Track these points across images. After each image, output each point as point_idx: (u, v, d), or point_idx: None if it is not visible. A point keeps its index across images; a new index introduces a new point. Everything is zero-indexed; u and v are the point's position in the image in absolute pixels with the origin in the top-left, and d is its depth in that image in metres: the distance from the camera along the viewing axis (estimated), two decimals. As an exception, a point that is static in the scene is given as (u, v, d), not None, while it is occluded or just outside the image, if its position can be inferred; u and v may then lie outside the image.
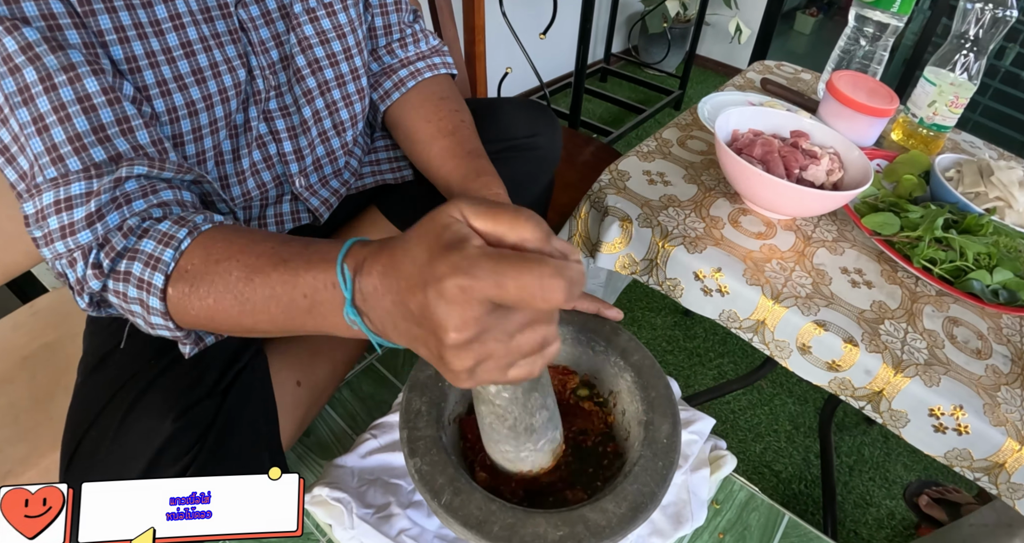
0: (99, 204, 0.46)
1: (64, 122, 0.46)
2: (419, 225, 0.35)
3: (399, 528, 0.61)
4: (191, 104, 0.55)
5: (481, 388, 0.48)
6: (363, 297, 0.38)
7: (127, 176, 0.48)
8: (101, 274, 0.47)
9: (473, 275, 0.31)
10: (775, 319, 0.75)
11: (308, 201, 0.70)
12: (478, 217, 0.34)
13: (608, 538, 0.48)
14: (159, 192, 0.50)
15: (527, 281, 0.31)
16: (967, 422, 0.67)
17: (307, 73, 0.64)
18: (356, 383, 0.82)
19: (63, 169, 0.46)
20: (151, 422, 0.52)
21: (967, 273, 0.78)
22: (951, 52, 1.02)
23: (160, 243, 0.46)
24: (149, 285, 0.46)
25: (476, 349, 0.34)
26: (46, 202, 0.46)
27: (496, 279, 0.31)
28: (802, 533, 0.70)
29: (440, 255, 0.32)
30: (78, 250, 0.47)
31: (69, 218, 0.46)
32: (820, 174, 0.83)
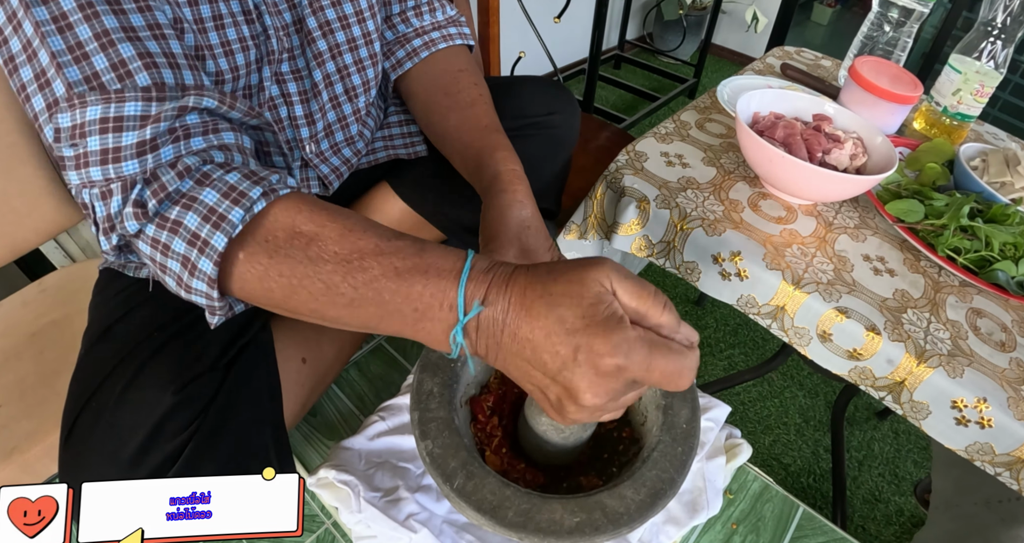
0: (155, 132, 0.42)
1: (134, 40, 0.42)
2: (565, 280, 0.37)
3: (407, 512, 0.60)
4: (210, 47, 0.53)
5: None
6: (478, 324, 0.39)
7: (195, 105, 0.44)
8: (144, 215, 0.42)
9: (630, 358, 0.35)
10: (795, 305, 0.73)
11: (318, 168, 0.69)
12: (626, 293, 0.37)
13: (626, 525, 0.47)
14: (220, 132, 0.46)
15: (671, 371, 0.36)
16: (990, 415, 0.65)
17: (318, 35, 0.63)
18: (364, 363, 0.81)
19: (129, 83, 0.41)
20: (151, 394, 0.51)
21: (992, 263, 0.76)
22: (977, 40, 0.99)
23: (226, 198, 0.41)
24: (205, 244, 0.41)
25: (597, 410, 0.38)
26: (90, 117, 0.41)
27: (648, 365, 0.35)
28: (817, 526, 0.69)
29: (599, 332, 0.35)
30: (118, 181, 0.41)
31: (116, 141, 0.41)
32: (844, 158, 0.81)
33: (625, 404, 0.41)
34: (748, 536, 0.67)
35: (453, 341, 0.39)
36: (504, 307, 0.38)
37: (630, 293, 0.37)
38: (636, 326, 0.37)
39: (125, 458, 0.49)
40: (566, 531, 0.46)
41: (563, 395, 0.38)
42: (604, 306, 0.36)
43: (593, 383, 0.36)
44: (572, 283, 0.37)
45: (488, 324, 0.39)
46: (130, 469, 0.49)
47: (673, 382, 0.36)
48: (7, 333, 0.88)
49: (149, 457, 0.49)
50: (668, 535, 0.63)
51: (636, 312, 0.37)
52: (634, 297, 0.37)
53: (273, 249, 0.41)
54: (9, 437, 0.75)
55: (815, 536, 0.68)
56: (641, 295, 0.37)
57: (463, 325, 0.39)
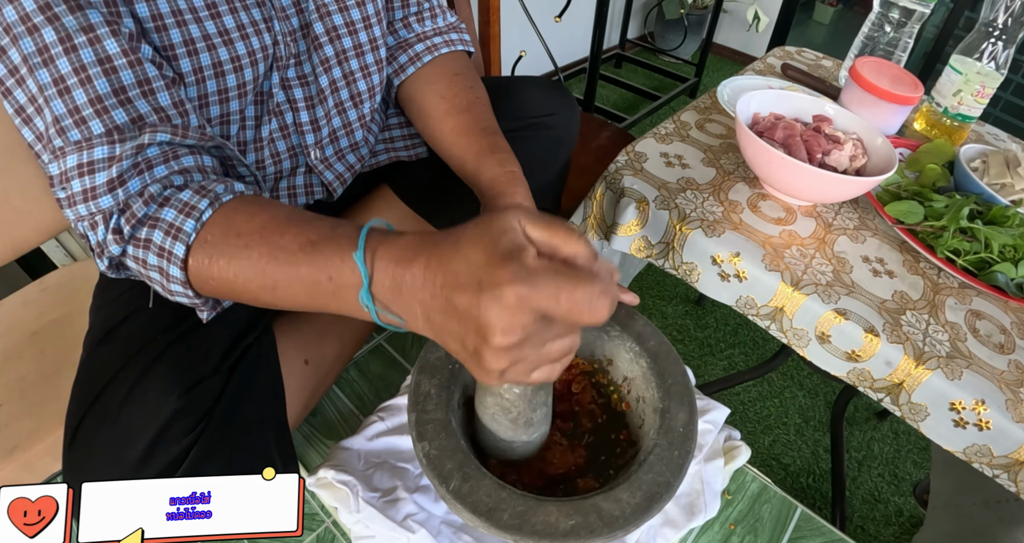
0: (120, 170, 0.47)
1: (85, 84, 0.46)
2: (475, 226, 0.37)
3: (405, 513, 0.60)
4: (218, 64, 0.55)
5: (488, 387, 0.50)
6: (395, 285, 0.39)
7: (149, 142, 0.48)
8: (121, 240, 0.48)
9: (533, 285, 0.33)
10: (794, 306, 0.73)
11: (323, 174, 0.69)
12: (535, 228, 0.36)
13: (622, 528, 0.47)
14: (180, 158, 0.50)
15: (579, 297, 0.33)
16: (988, 417, 0.65)
17: (324, 41, 0.64)
18: (364, 363, 0.81)
19: (86, 132, 0.46)
20: (156, 397, 0.51)
21: (991, 265, 0.76)
22: (978, 40, 0.99)
23: (181, 213, 0.46)
24: (170, 254, 0.46)
25: (514, 353, 0.36)
26: (69, 165, 0.46)
27: (553, 292, 0.33)
28: (815, 526, 0.69)
29: (500, 261, 0.34)
30: (99, 214, 0.47)
31: (91, 182, 0.46)
32: (843, 159, 0.81)
33: (552, 354, 0.38)
34: (746, 537, 0.67)
35: (364, 304, 0.40)
36: (424, 263, 0.38)
37: (539, 227, 0.37)
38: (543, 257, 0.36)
39: (130, 462, 0.49)
40: (561, 534, 0.46)
41: (478, 342, 0.36)
42: (507, 238, 0.35)
43: (500, 317, 0.34)
44: (480, 225, 0.37)
45: (408, 284, 0.38)
46: (135, 472, 0.49)
47: (585, 312, 0.34)
48: (8, 332, 0.89)
49: (154, 460, 0.49)
50: (665, 537, 0.63)
51: (547, 244, 0.37)
52: (543, 230, 0.37)
53: (212, 246, 0.46)
54: (10, 436, 0.75)
55: (813, 537, 0.68)
56: (551, 227, 0.37)
57: (375, 289, 0.39)
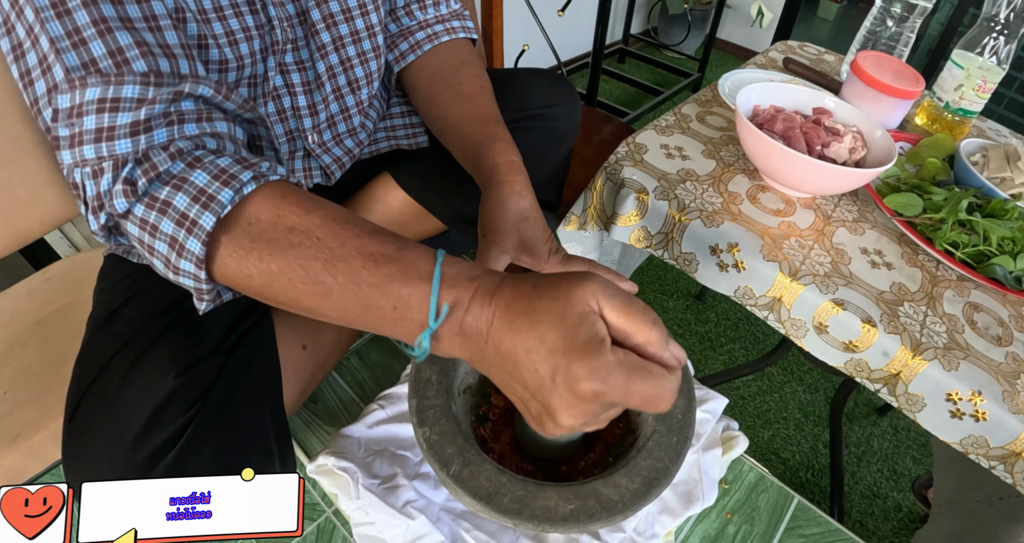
0: (150, 114, 0.42)
1: (131, 30, 0.43)
2: (552, 301, 0.37)
3: (405, 499, 0.61)
4: (214, 36, 0.54)
5: None
6: (461, 333, 0.39)
7: (189, 93, 0.44)
8: (133, 193, 0.42)
9: (608, 384, 0.35)
10: (792, 297, 0.74)
11: (320, 158, 0.70)
12: (613, 311, 0.37)
13: (620, 513, 0.48)
14: (214, 121, 0.47)
15: (650, 395, 0.36)
16: (985, 408, 0.65)
17: (321, 27, 0.64)
18: (365, 351, 0.81)
19: (127, 70, 0.42)
20: (153, 378, 0.51)
21: (990, 258, 0.76)
22: (980, 35, 0.99)
23: (216, 179, 0.41)
24: (194, 224, 0.41)
25: (575, 428, 0.38)
26: (88, 97, 0.41)
27: (626, 391, 0.35)
28: (811, 517, 0.70)
29: (578, 355, 0.35)
30: (110, 159, 0.42)
31: (111, 120, 0.41)
32: (843, 152, 0.81)
33: (608, 419, 0.40)
34: (743, 526, 0.68)
35: (419, 345, 0.39)
36: (488, 319, 0.38)
37: (616, 310, 0.37)
38: (618, 348, 0.36)
39: (127, 440, 0.50)
40: (560, 518, 0.47)
41: (542, 411, 0.38)
42: (587, 327, 0.36)
43: (570, 405, 0.36)
44: (557, 301, 0.37)
45: (472, 333, 0.39)
46: (132, 450, 0.50)
47: (652, 405, 0.36)
48: (12, 321, 0.89)
49: (150, 439, 0.50)
50: (663, 525, 0.64)
51: (622, 330, 0.37)
52: (620, 314, 0.37)
53: (256, 233, 0.41)
54: (14, 423, 0.76)
55: (809, 527, 0.69)
56: (628, 312, 0.37)
57: (437, 329, 0.39)
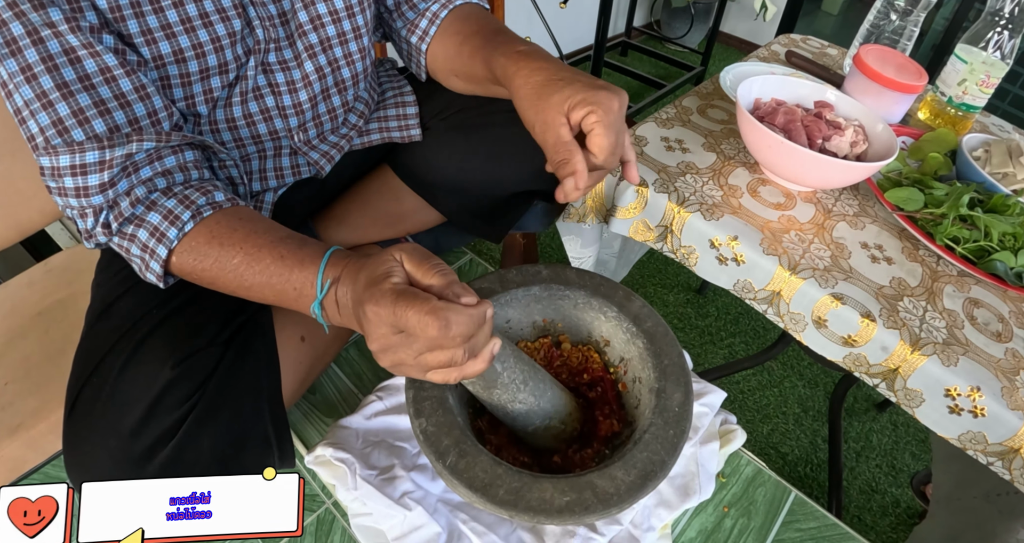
0: (111, 175, 0.52)
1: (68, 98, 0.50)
2: (372, 259, 0.46)
3: (402, 490, 0.61)
4: (178, 52, 0.56)
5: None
6: (336, 300, 0.49)
7: (137, 151, 0.53)
8: (109, 233, 0.54)
9: (379, 304, 0.42)
10: (791, 290, 0.74)
11: (308, 155, 0.70)
12: (408, 260, 0.45)
13: (616, 505, 0.48)
14: (163, 159, 0.55)
15: (411, 314, 0.40)
16: (983, 404, 0.65)
17: (309, 29, 0.65)
18: (364, 342, 0.81)
19: (70, 139, 0.51)
20: (150, 369, 0.52)
21: (991, 254, 0.76)
22: (984, 29, 0.98)
23: (166, 219, 0.53)
24: (153, 252, 0.53)
25: (389, 356, 0.44)
26: (63, 163, 0.51)
27: (394, 310, 0.41)
28: (808, 511, 0.70)
29: (368, 285, 0.43)
30: (89, 208, 0.53)
31: (84, 182, 0.51)
32: (844, 145, 0.81)
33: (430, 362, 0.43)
34: (739, 520, 0.68)
35: (312, 313, 0.50)
36: (347, 285, 0.48)
37: (410, 260, 0.44)
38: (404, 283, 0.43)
39: (126, 429, 0.50)
40: (556, 510, 0.47)
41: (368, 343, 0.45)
42: (382, 268, 0.44)
43: (367, 330, 0.44)
44: (374, 258, 0.46)
45: (344, 300, 0.48)
46: (130, 441, 0.50)
47: (418, 328, 0.40)
48: (13, 313, 0.89)
49: (149, 430, 0.50)
50: (660, 517, 0.64)
51: (412, 275, 0.44)
52: (412, 263, 0.44)
53: (196, 252, 0.53)
54: (15, 414, 0.76)
55: (807, 521, 0.69)
56: (418, 261, 0.44)
57: (321, 301, 0.49)
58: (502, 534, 0.60)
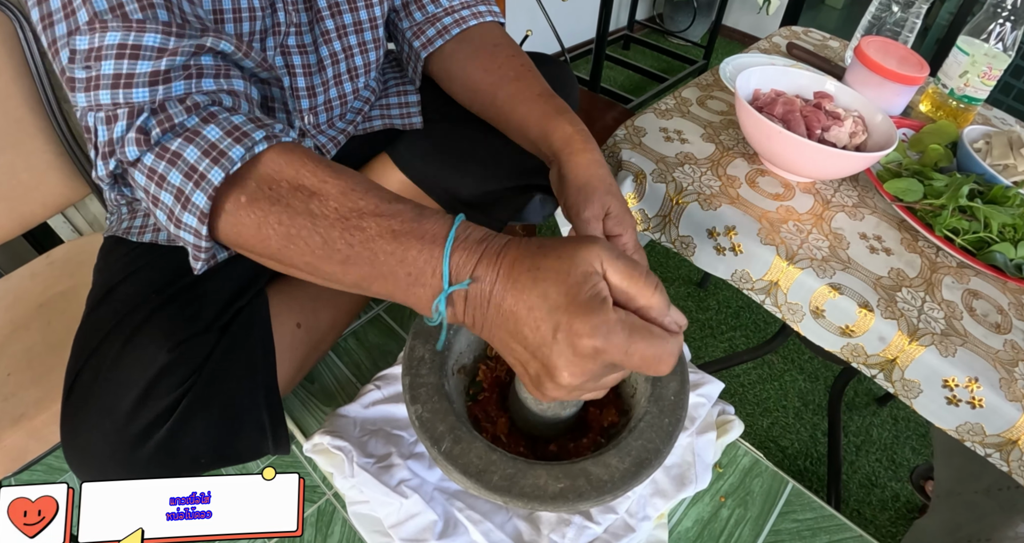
0: (171, 65, 0.42)
1: None
2: (556, 260, 0.37)
3: (399, 478, 0.61)
4: (220, 11, 0.54)
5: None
6: (466, 294, 0.40)
7: (211, 47, 0.44)
8: (145, 143, 0.42)
9: (609, 342, 0.35)
10: (789, 280, 0.74)
11: (316, 139, 0.70)
12: (616, 274, 0.37)
13: (610, 493, 0.48)
14: (232, 78, 0.47)
15: (650, 356, 0.36)
16: (982, 395, 0.65)
17: (327, 14, 0.65)
18: (362, 332, 0.82)
19: (151, 15, 0.42)
20: (147, 353, 0.52)
21: (990, 245, 0.76)
22: (986, 21, 0.98)
23: (229, 135, 0.42)
24: (202, 178, 0.41)
25: (575, 390, 0.38)
26: (108, 41, 0.41)
27: (627, 350, 0.35)
28: (805, 502, 0.70)
29: (580, 312, 0.35)
30: (125, 107, 0.42)
31: (131, 68, 0.41)
32: (843, 136, 0.81)
33: (606, 386, 0.40)
34: (736, 510, 0.68)
35: (436, 310, 0.40)
36: (492, 278, 0.39)
37: (620, 273, 0.37)
38: (620, 309, 0.37)
39: (122, 412, 0.50)
40: (550, 496, 0.47)
41: (541, 371, 0.38)
42: (589, 286, 0.36)
43: (571, 362, 0.36)
44: (561, 259, 0.37)
45: (475, 294, 0.39)
46: (125, 424, 0.50)
47: (653, 367, 0.36)
48: (16, 304, 0.90)
49: (143, 413, 0.51)
50: (655, 507, 0.64)
51: (624, 293, 0.37)
52: (624, 277, 0.37)
53: (276, 197, 0.42)
54: (17, 404, 0.76)
55: (803, 512, 0.69)
56: (631, 276, 0.37)
57: (448, 294, 0.40)
58: (498, 522, 0.60)
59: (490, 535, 0.59)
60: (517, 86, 0.67)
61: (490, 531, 0.59)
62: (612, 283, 0.37)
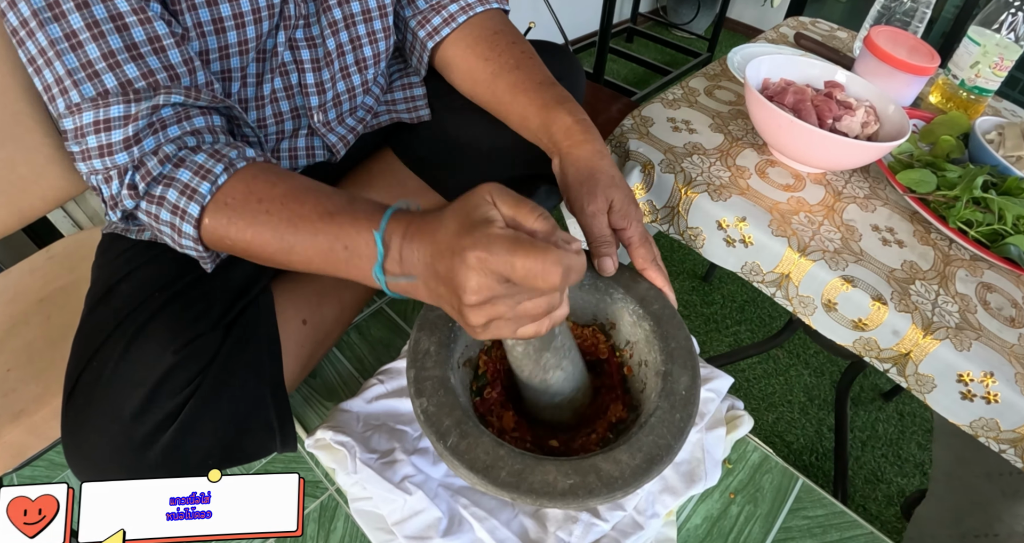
0: (136, 129, 0.49)
1: (98, 39, 0.48)
2: (456, 202, 0.41)
3: (403, 474, 0.60)
4: (219, 21, 0.55)
5: (504, 342, 0.53)
6: (401, 259, 0.44)
7: (164, 103, 0.50)
8: (136, 195, 0.50)
9: (490, 250, 0.37)
10: (800, 273, 0.72)
11: (325, 137, 0.69)
12: (504, 203, 0.40)
13: (620, 489, 0.47)
14: (192, 119, 0.53)
15: (531, 263, 0.37)
16: (997, 390, 0.64)
17: (333, 3, 0.64)
18: (365, 327, 0.81)
19: (100, 87, 0.48)
20: (151, 353, 0.51)
21: (1005, 237, 0.74)
22: (997, 12, 0.96)
23: (196, 175, 0.49)
24: (184, 212, 0.49)
25: (488, 309, 0.40)
26: (85, 121, 0.49)
27: (508, 257, 0.37)
28: (815, 498, 0.69)
29: (467, 229, 0.39)
30: (114, 169, 0.50)
31: (107, 139, 0.49)
32: (854, 126, 0.79)
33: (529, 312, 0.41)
34: (746, 506, 0.67)
35: (376, 277, 0.45)
36: (419, 238, 0.43)
37: (507, 204, 0.40)
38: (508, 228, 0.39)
39: (127, 415, 0.49)
40: (559, 493, 0.46)
41: (457, 301, 0.40)
42: (480, 211, 0.39)
43: (467, 278, 0.38)
44: (459, 201, 0.41)
45: (408, 258, 0.43)
46: (131, 426, 0.49)
47: (540, 278, 0.37)
48: (15, 299, 0.89)
49: (150, 414, 0.50)
50: (664, 504, 0.63)
51: (512, 219, 0.40)
52: (510, 206, 0.40)
53: (231, 209, 0.49)
54: (17, 400, 0.76)
55: (814, 508, 0.68)
56: (517, 205, 0.40)
57: (383, 264, 0.44)
58: (504, 519, 0.59)
59: (495, 532, 0.58)
60: (517, 75, 0.66)
61: (495, 528, 0.58)
62: (502, 212, 0.40)
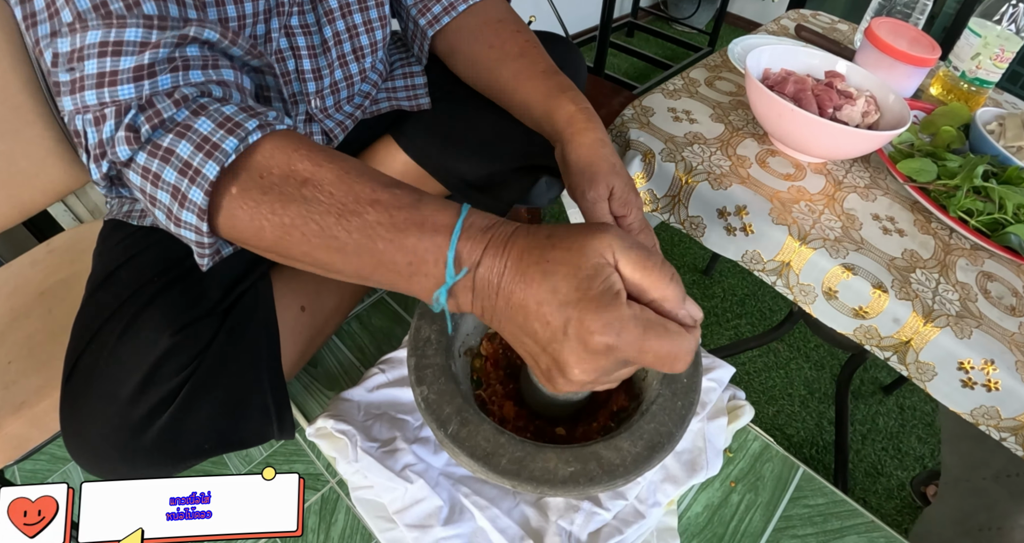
0: (154, 59, 0.40)
1: None
2: (565, 252, 0.35)
3: (404, 463, 0.60)
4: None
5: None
6: (474, 285, 0.38)
7: (194, 37, 0.42)
8: (135, 141, 0.40)
9: (621, 339, 0.33)
10: (801, 261, 0.72)
11: (323, 123, 0.69)
12: (629, 264, 0.35)
13: (622, 477, 0.47)
14: (220, 68, 0.44)
15: (664, 354, 0.34)
16: (997, 378, 0.64)
17: None
18: (366, 316, 0.81)
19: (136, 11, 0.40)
20: (149, 336, 0.51)
21: (1005, 226, 0.74)
22: (998, 3, 0.96)
23: (221, 127, 0.39)
24: (197, 173, 0.39)
25: (586, 385, 0.37)
26: (89, 41, 0.40)
27: (640, 347, 0.34)
28: (816, 487, 0.69)
29: (591, 307, 0.34)
30: (112, 106, 0.40)
31: (114, 65, 0.39)
32: (855, 115, 0.79)
33: (619, 379, 0.39)
34: (746, 495, 0.67)
35: (436, 301, 0.39)
36: (500, 270, 0.37)
37: (633, 264, 0.35)
38: (634, 303, 0.35)
39: (124, 397, 0.49)
40: (560, 480, 0.46)
41: (552, 366, 0.37)
42: (601, 279, 0.34)
43: (582, 359, 0.35)
44: (571, 251, 0.35)
45: (483, 286, 0.37)
46: (128, 408, 0.49)
47: (668, 365, 0.35)
48: (16, 292, 0.89)
49: (147, 396, 0.50)
50: (666, 493, 0.63)
51: (637, 285, 0.36)
52: (637, 268, 0.35)
53: (267, 186, 0.39)
54: (19, 392, 0.76)
55: (814, 497, 0.68)
56: (645, 266, 0.35)
57: (452, 285, 0.38)
58: (505, 508, 0.59)
59: (496, 521, 0.58)
60: (520, 63, 0.66)
61: (497, 517, 0.58)
62: (625, 274, 0.36)
